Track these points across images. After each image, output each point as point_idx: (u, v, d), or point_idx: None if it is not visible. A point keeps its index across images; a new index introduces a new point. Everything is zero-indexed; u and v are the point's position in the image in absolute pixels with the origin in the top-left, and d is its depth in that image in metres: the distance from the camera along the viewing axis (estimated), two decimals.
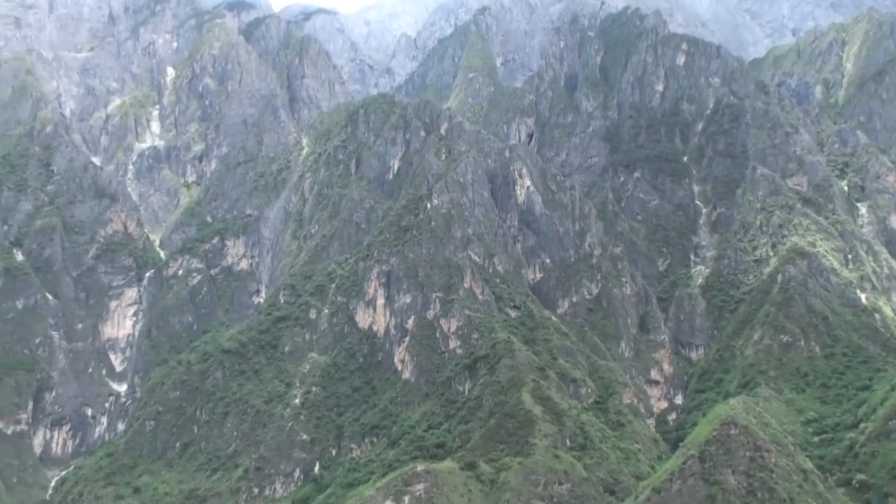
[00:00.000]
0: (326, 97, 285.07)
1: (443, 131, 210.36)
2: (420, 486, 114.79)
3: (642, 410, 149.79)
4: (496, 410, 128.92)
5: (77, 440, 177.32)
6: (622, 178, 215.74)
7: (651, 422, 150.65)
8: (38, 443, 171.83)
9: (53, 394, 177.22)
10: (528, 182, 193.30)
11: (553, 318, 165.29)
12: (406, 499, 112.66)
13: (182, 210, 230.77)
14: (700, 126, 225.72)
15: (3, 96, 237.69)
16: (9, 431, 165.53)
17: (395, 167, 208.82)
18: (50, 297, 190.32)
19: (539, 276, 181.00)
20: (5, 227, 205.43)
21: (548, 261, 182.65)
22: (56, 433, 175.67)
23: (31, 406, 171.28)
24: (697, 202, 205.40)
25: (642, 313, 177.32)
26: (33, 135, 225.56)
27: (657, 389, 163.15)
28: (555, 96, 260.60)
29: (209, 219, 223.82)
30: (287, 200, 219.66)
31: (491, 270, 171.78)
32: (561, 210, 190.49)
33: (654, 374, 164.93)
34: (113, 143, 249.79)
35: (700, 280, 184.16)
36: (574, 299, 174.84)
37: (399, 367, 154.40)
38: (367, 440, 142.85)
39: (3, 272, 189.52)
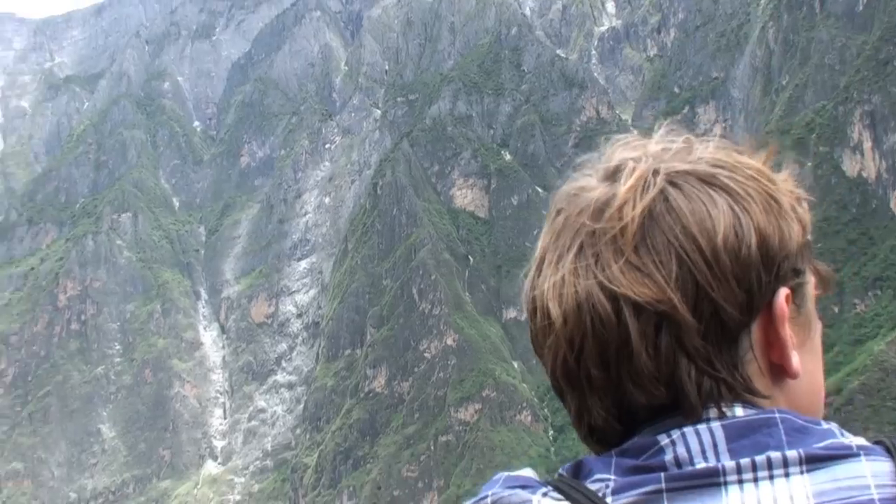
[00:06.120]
0: None
1: None
2: None
3: None
4: None
5: None
6: None
7: None
8: None
9: None
10: None
11: None
12: None
13: (648, 85, 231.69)
14: None
15: (468, 9, 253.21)
16: (522, 318, 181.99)
17: None
18: (539, 189, 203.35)
19: None
20: (491, 131, 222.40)
21: None
22: None
23: None
24: None
25: None
26: (501, 40, 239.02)
27: None
28: None
29: (676, 89, 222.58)
30: (752, 56, 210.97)
31: None
32: None
33: None
34: (573, 32, 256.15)
35: None
36: None
37: None
38: (870, 294, 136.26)
39: (496, 172, 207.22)
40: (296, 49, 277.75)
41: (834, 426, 1.51)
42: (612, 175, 1.67)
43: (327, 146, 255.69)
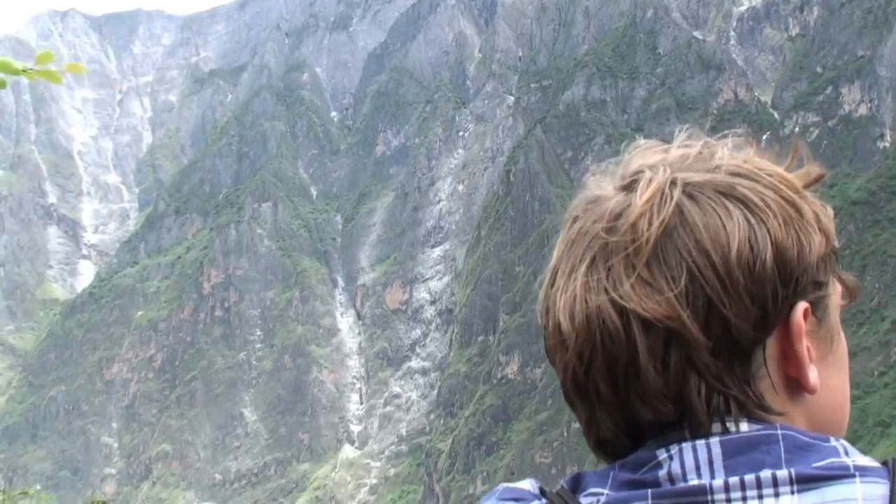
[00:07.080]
0: None
1: None
2: None
3: None
4: None
5: None
6: None
7: None
8: None
9: None
10: None
11: None
12: None
13: (790, 66, 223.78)
14: None
15: None
16: None
17: None
18: None
19: None
20: (625, 116, 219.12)
21: None
22: None
23: None
24: None
25: None
26: (636, 23, 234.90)
27: None
28: None
29: (819, 69, 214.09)
30: None
31: None
32: None
33: None
34: (711, 13, 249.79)
35: None
36: None
37: None
38: None
39: None
40: (430, 38, 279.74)
41: (840, 444, 1.46)
42: (629, 184, 1.60)
43: (461, 134, 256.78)
